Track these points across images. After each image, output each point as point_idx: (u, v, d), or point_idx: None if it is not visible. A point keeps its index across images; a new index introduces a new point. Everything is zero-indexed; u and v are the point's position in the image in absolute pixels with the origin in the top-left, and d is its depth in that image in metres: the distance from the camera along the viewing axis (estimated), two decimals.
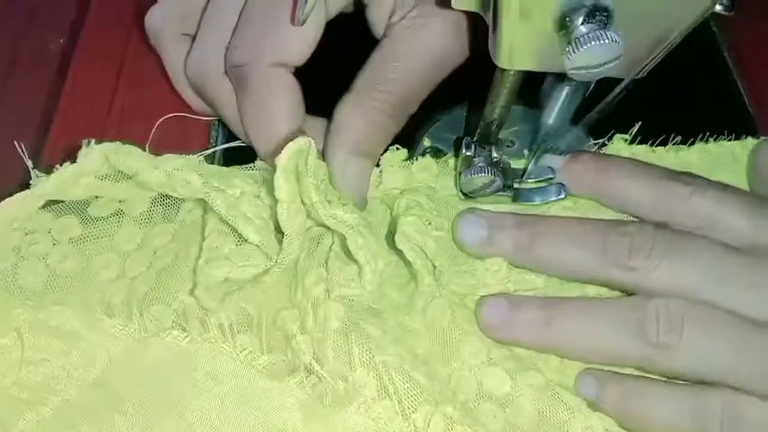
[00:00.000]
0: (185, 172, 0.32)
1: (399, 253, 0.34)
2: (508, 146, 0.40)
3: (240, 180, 0.33)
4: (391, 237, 0.34)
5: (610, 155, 0.38)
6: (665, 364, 0.31)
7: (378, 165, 0.37)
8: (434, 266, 0.34)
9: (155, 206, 0.36)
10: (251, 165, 0.36)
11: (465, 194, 0.37)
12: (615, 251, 0.32)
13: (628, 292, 0.33)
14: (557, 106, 0.34)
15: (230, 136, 0.40)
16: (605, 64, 0.26)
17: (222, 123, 0.40)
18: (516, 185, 0.37)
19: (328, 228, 0.32)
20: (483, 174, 0.35)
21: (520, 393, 0.31)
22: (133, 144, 0.33)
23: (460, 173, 0.36)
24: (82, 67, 0.44)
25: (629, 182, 0.35)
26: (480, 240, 0.34)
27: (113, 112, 0.42)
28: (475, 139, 0.35)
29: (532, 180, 0.37)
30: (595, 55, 0.25)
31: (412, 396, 0.29)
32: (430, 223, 0.33)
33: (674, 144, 0.39)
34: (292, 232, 0.31)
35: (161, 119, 0.41)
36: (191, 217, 0.36)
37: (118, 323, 0.31)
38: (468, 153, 0.36)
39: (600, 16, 0.25)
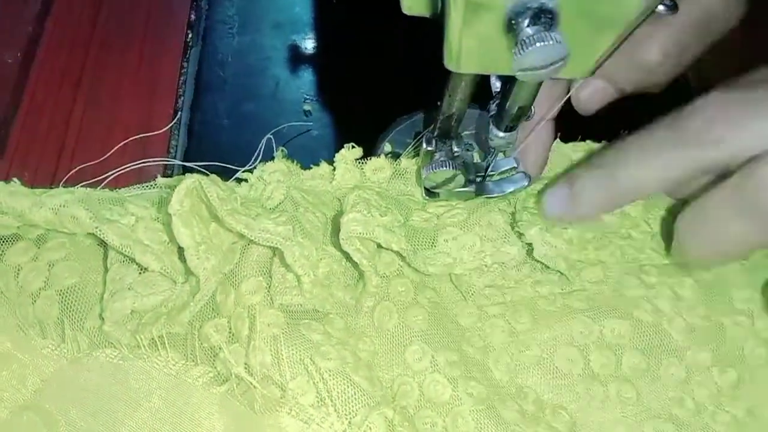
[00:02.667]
0: (72, 208, 0.31)
1: None
2: (467, 150, 0.40)
3: (135, 205, 0.33)
4: None
5: (601, 153, 0.34)
6: (726, 158, 0.28)
7: (331, 163, 0.38)
8: (397, 252, 0.33)
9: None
10: (152, 183, 0.36)
11: (427, 191, 0.37)
12: (694, 131, 0.29)
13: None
14: (505, 122, 0.34)
15: (188, 148, 0.41)
16: (552, 64, 0.26)
17: (181, 134, 0.41)
18: (479, 180, 0.37)
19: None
20: (445, 168, 0.35)
21: (460, 402, 0.31)
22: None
23: (421, 169, 0.36)
24: (39, 81, 0.44)
25: (648, 181, 0.31)
26: (566, 204, 0.33)
27: (71, 128, 0.42)
28: (435, 134, 0.35)
29: (496, 173, 0.37)
30: (541, 56, 0.26)
31: (352, 400, 0.29)
32: (374, 212, 0.32)
33: None
34: (207, 273, 0.31)
35: (121, 143, 0.41)
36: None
37: (50, 343, 0.31)
38: (429, 148, 0.35)
39: (545, 18, 0.25)
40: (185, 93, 0.44)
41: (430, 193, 0.37)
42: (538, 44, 0.25)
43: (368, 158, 0.38)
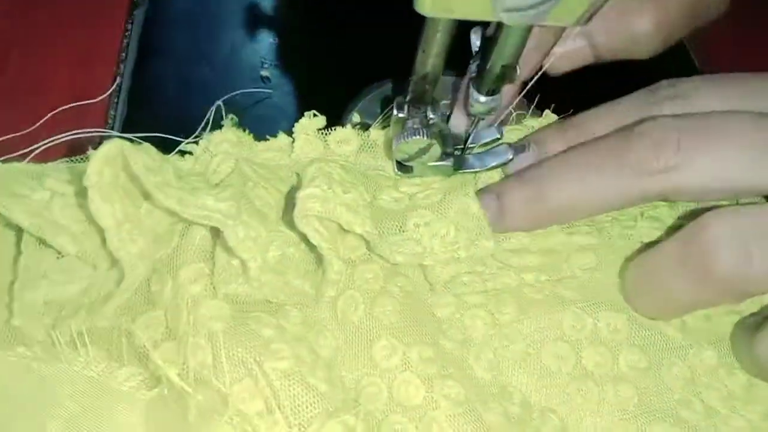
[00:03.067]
0: None
1: None
2: (444, 118, 0.35)
3: (54, 179, 0.28)
4: None
5: (571, 120, 0.33)
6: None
7: (291, 134, 0.33)
8: (361, 235, 0.29)
9: None
10: (82, 156, 0.31)
11: (399, 164, 0.33)
12: (638, 157, 0.27)
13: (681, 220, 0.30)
14: (486, 86, 0.30)
15: (129, 118, 0.36)
16: (541, 3, 0.22)
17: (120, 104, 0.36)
18: (458, 153, 0.33)
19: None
20: (418, 136, 0.30)
21: (435, 405, 0.27)
22: None
23: (392, 139, 0.32)
24: None
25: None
26: (493, 216, 0.30)
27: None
28: (408, 99, 0.31)
29: (477, 144, 0.33)
30: None
31: (306, 406, 0.25)
32: (336, 188, 0.28)
33: None
34: (132, 257, 0.26)
35: (53, 112, 0.36)
36: None
37: None
38: (401, 115, 0.31)
39: None
40: (128, 57, 0.39)
41: (403, 167, 0.33)
42: None
43: (333, 129, 0.34)
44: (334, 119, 0.35)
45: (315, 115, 0.33)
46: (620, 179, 0.28)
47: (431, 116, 0.31)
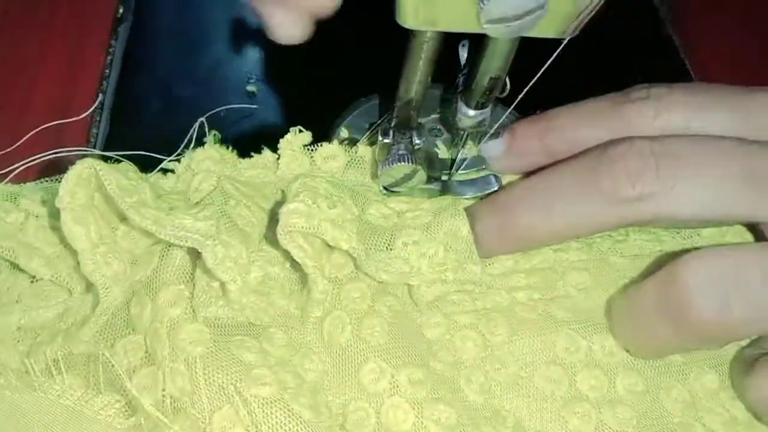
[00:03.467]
0: None
1: None
2: (436, 135, 0.35)
3: (29, 200, 0.28)
4: None
5: (544, 114, 0.31)
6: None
7: (276, 151, 0.32)
8: (347, 252, 0.28)
9: None
10: (58, 177, 0.30)
11: (386, 188, 0.32)
12: (612, 184, 0.26)
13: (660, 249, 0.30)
14: (474, 103, 0.29)
15: (111, 135, 0.35)
16: (526, 14, 0.21)
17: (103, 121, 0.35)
18: (445, 177, 0.33)
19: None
20: (403, 163, 0.30)
21: (425, 430, 0.26)
22: None
23: (377, 163, 0.31)
24: None
25: (580, 129, 0.29)
26: None
27: None
28: (393, 124, 0.31)
29: (462, 171, 0.33)
30: (513, 3, 0.21)
31: None
32: (321, 203, 0.27)
33: None
34: (107, 281, 0.26)
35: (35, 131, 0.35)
36: None
37: None
38: (386, 140, 0.31)
39: None
40: (111, 74, 0.38)
41: (389, 191, 0.32)
42: None
43: (319, 144, 0.33)
44: (321, 135, 0.34)
45: (301, 130, 0.32)
46: (593, 206, 0.26)
47: (417, 141, 0.31)
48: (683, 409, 0.28)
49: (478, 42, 0.27)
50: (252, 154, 0.33)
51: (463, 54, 0.30)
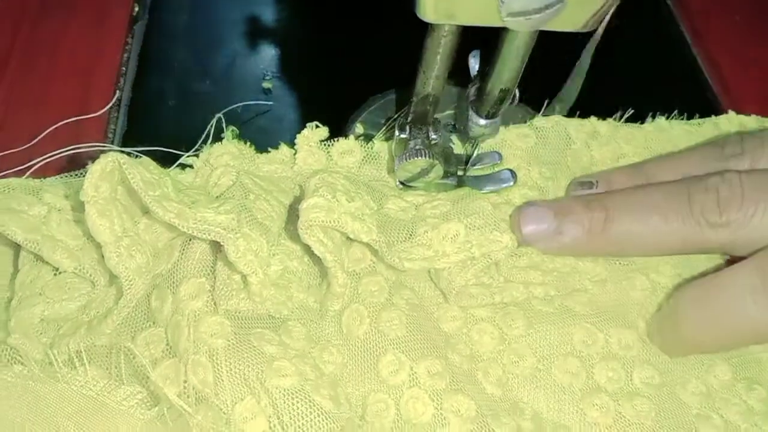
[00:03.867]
0: None
1: None
2: (450, 130, 0.35)
3: (52, 194, 0.28)
4: None
5: (599, 196, 0.32)
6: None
7: (293, 146, 0.33)
8: (367, 244, 0.28)
9: None
10: (80, 171, 0.30)
11: (402, 183, 0.33)
12: (703, 210, 0.28)
13: (728, 258, 0.30)
14: (486, 109, 0.30)
15: (128, 131, 0.35)
16: (546, 8, 0.21)
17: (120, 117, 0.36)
18: (460, 173, 0.33)
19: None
20: (420, 157, 0.30)
21: (445, 422, 0.26)
22: None
23: (394, 158, 0.32)
24: None
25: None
26: (546, 233, 0.30)
27: None
28: (409, 119, 0.31)
29: (478, 166, 0.33)
30: None
31: (311, 425, 0.24)
32: (340, 197, 0.27)
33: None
34: (130, 273, 0.26)
35: (53, 127, 0.35)
36: None
37: None
38: (403, 135, 0.31)
39: None
40: (128, 71, 0.38)
41: (406, 185, 0.33)
42: None
43: (336, 140, 0.33)
44: (337, 131, 0.34)
45: (317, 126, 0.33)
46: (683, 226, 0.28)
47: (433, 136, 0.31)
48: (701, 402, 0.28)
49: (489, 53, 0.28)
50: (269, 149, 0.33)
51: (474, 65, 0.31)
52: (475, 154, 0.33)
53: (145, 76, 0.38)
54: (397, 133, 0.31)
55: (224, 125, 0.34)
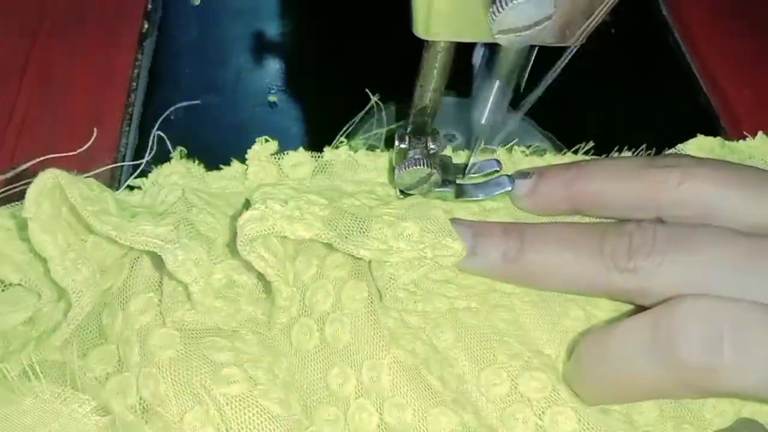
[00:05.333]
0: None
1: None
2: (450, 140, 0.36)
3: None
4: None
5: (575, 162, 0.34)
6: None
7: (244, 161, 0.33)
8: (313, 239, 0.28)
9: None
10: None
11: (402, 192, 0.34)
12: (614, 253, 0.28)
13: (634, 305, 0.29)
14: (488, 104, 0.31)
15: (139, 144, 0.37)
16: (536, 24, 0.22)
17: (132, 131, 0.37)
18: (459, 181, 0.34)
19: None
20: (419, 166, 0.31)
21: (388, 428, 0.27)
22: None
23: (394, 168, 0.33)
24: None
25: (606, 185, 0.31)
26: (470, 253, 0.30)
27: (14, 120, 0.38)
28: (408, 130, 0.32)
29: (476, 174, 0.34)
30: (523, 14, 0.22)
31: (259, 431, 0.25)
32: (271, 204, 0.27)
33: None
34: (78, 285, 0.26)
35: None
36: None
37: None
38: (402, 145, 0.32)
39: None
40: (138, 87, 0.40)
41: (405, 194, 0.34)
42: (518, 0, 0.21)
43: (285, 153, 0.34)
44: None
45: (267, 140, 0.33)
46: (592, 266, 0.28)
47: (431, 146, 0.32)
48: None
49: (491, 51, 0.29)
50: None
51: (476, 63, 0.32)
52: (475, 155, 0.34)
53: (155, 92, 0.40)
54: (396, 143, 0.32)
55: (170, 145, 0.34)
